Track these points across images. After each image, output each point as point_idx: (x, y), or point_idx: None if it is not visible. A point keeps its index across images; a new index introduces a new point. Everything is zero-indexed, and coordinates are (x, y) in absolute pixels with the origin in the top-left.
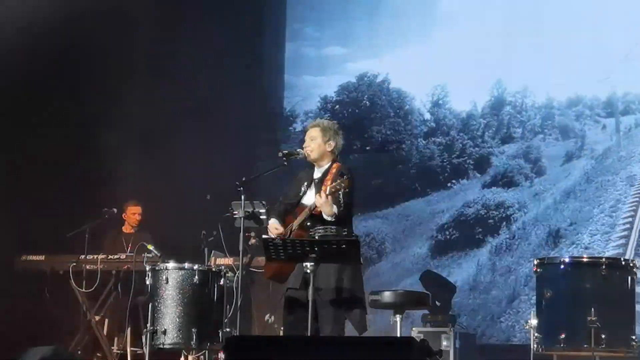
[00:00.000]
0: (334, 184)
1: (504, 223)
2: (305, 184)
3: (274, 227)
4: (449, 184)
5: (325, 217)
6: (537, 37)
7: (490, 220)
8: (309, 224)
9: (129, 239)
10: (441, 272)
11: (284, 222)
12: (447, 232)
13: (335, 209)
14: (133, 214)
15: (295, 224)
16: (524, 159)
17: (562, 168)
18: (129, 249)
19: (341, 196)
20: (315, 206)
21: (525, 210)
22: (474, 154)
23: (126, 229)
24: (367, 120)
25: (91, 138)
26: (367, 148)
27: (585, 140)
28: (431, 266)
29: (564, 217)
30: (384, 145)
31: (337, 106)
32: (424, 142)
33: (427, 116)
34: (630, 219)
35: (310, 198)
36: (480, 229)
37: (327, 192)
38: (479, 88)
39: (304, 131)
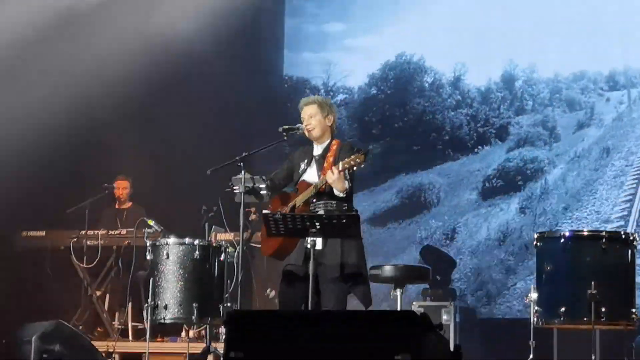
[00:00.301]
0: (348, 159)
1: (539, 174)
2: (306, 161)
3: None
4: (476, 150)
5: (337, 193)
6: (543, 16)
7: (528, 171)
8: (315, 200)
9: (122, 214)
10: (490, 211)
11: (274, 193)
12: (493, 181)
13: (347, 184)
14: (119, 188)
15: (300, 200)
16: (542, 126)
17: (574, 135)
18: (122, 224)
19: (346, 172)
20: (324, 183)
21: (555, 164)
22: (495, 124)
23: (119, 204)
24: (410, 93)
25: (89, 113)
26: (406, 118)
27: (594, 110)
28: (483, 206)
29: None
30: (422, 116)
31: (382, 82)
32: (453, 112)
33: (451, 89)
34: (632, 192)
35: (311, 175)
36: (520, 177)
37: (341, 168)
38: (489, 65)
39: (299, 109)
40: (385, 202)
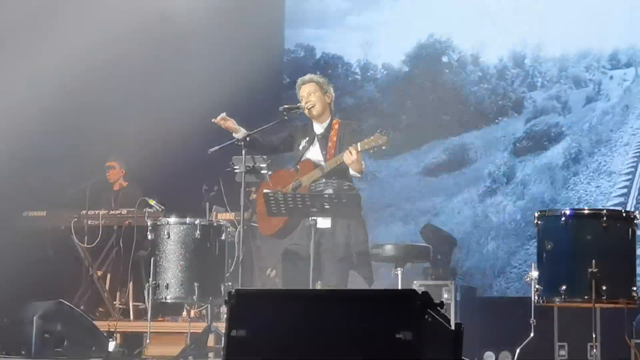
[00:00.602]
0: (369, 140)
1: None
2: (307, 138)
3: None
4: (496, 120)
5: (353, 174)
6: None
7: (552, 134)
8: (324, 180)
9: (118, 195)
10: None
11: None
12: (522, 142)
13: (363, 165)
14: (108, 170)
15: (306, 180)
16: (556, 100)
17: (585, 108)
18: (118, 205)
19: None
20: (339, 163)
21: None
22: (512, 98)
23: (114, 185)
24: (439, 67)
25: (89, 93)
26: (436, 93)
27: (601, 87)
28: (516, 163)
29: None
30: (450, 90)
31: (414, 60)
32: (476, 87)
33: (473, 67)
34: (631, 170)
35: (315, 154)
36: (546, 139)
37: (360, 149)
38: (503, 44)
39: (297, 88)
40: (434, 158)
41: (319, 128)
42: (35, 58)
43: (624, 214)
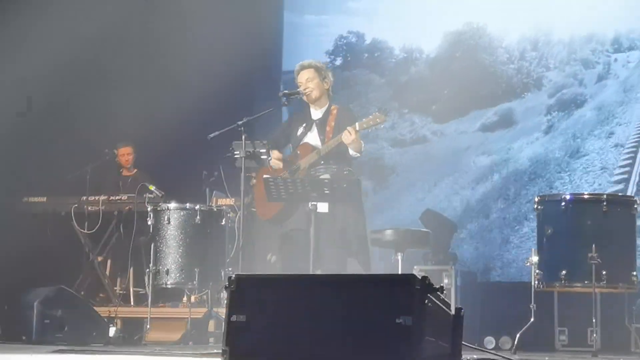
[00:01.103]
0: (367, 119)
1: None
2: (305, 124)
3: (277, 156)
4: (522, 95)
5: (352, 154)
6: None
7: (578, 101)
8: (322, 163)
9: (127, 181)
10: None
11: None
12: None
13: (362, 145)
14: (123, 155)
15: (304, 163)
16: (572, 77)
17: (598, 84)
18: (125, 190)
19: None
20: (338, 144)
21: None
22: (533, 76)
23: (123, 171)
24: (474, 49)
25: (89, 77)
26: (472, 73)
27: (610, 67)
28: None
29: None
30: (484, 70)
31: (454, 43)
32: (504, 67)
33: (503, 51)
34: (631, 155)
35: (313, 138)
36: (573, 104)
37: (358, 128)
38: (521, 27)
39: (295, 74)
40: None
41: (317, 114)
42: (34, 42)
43: (624, 199)
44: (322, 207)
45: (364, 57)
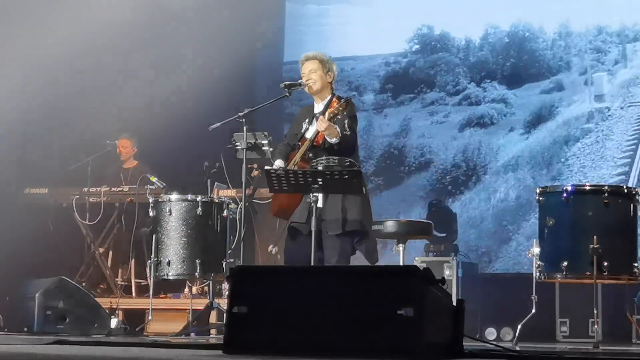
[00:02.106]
0: (331, 109)
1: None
2: (307, 120)
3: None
4: (557, 74)
5: (330, 140)
6: None
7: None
8: (310, 155)
9: (127, 173)
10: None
11: (287, 161)
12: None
13: (338, 129)
14: (123, 147)
15: (297, 156)
16: (597, 60)
17: (616, 66)
18: (123, 182)
19: (346, 122)
20: (317, 134)
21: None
22: (565, 60)
23: (124, 163)
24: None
25: (92, 69)
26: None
27: (624, 53)
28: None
29: None
30: (532, 59)
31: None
32: (544, 52)
33: (543, 42)
34: (633, 146)
35: (312, 132)
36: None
37: (327, 117)
38: (550, 22)
39: (299, 64)
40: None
41: (319, 107)
42: (36, 33)
43: (626, 190)
44: (320, 198)
45: (437, 46)
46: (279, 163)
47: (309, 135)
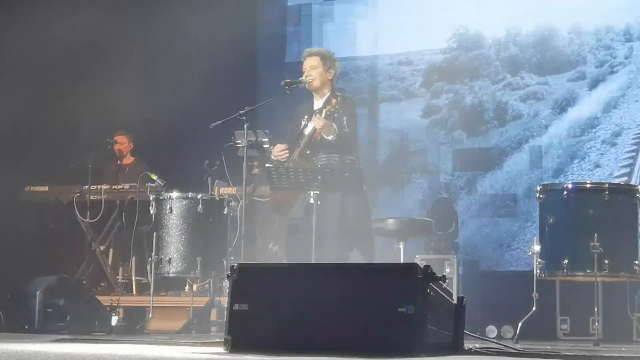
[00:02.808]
0: (329, 106)
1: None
2: (306, 116)
3: (280, 148)
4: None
5: (327, 137)
6: None
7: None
8: (308, 152)
9: (124, 170)
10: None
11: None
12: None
13: (335, 127)
14: (120, 143)
15: (296, 152)
16: (609, 56)
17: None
18: (120, 179)
19: (345, 120)
20: (315, 131)
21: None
22: (583, 55)
23: (120, 160)
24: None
25: (92, 67)
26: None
27: (633, 50)
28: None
29: None
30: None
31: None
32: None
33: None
34: (635, 145)
35: (310, 129)
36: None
37: (323, 115)
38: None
39: (302, 59)
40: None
41: (318, 104)
42: (35, 30)
43: (627, 188)
44: (317, 196)
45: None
46: (279, 145)
47: (307, 131)
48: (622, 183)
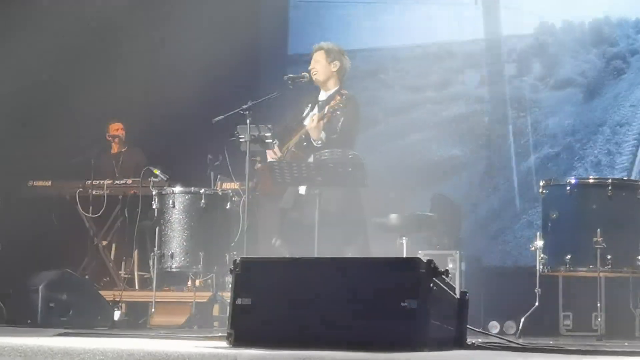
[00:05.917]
0: (333, 103)
1: None
2: (310, 105)
3: (272, 151)
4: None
5: (312, 141)
6: None
7: None
8: (305, 144)
9: (119, 158)
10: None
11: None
12: None
13: (323, 135)
14: (116, 130)
15: (292, 143)
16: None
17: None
18: (119, 169)
19: (341, 122)
20: (306, 128)
21: None
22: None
23: (113, 148)
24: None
25: (94, 61)
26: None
27: None
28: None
29: None
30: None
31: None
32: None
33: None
34: (636, 139)
35: (309, 120)
36: None
37: (326, 112)
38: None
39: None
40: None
41: (323, 95)
42: (36, 26)
43: (630, 183)
44: (302, 190)
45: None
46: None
47: (306, 122)
48: (625, 178)
